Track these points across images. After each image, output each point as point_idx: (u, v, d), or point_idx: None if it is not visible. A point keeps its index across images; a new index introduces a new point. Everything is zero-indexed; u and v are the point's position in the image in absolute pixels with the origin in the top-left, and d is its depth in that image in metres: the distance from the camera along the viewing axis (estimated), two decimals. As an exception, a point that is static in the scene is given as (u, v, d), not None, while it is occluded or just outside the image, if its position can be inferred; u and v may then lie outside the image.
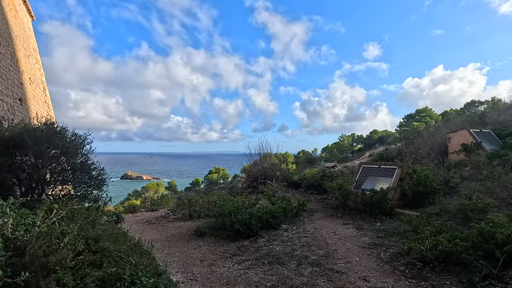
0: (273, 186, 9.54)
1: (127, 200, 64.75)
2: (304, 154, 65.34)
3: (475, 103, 36.68)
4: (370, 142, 62.25)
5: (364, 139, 63.35)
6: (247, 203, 6.64)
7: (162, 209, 12.71)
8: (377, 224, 5.86)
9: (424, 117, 60.61)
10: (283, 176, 10.69)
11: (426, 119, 59.66)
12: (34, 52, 16.95)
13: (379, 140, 60.78)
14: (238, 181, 14.82)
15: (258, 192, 9.76)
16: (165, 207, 13.65)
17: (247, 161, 13.18)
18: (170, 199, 13.86)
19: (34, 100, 14.62)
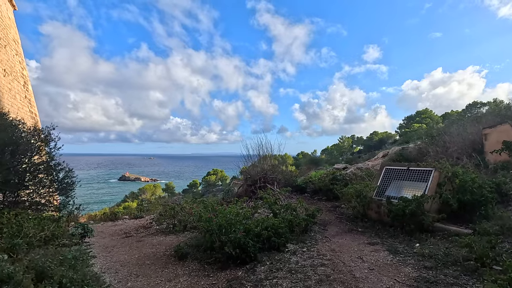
0: (274, 191, 8.01)
1: (124, 201, 63.09)
2: (303, 155, 63.83)
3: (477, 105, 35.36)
4: (370, 144, 60.91)
5: (365, 140, 61.89)
6: (242, 214, 5.10)
7: (149, 216, 11.15)
8: (415, 246, 4.34)
9: (425, 119, 59.34)
10: (286, 179, 9.16)
11: (427, 120, 58.40)
12: (14, 43, 15.39)
13: (380, 142, 59.41)
14: (234, 184, 13.23)
15: (257, 198, 8.22)
16: (153, 213, 12.08)
17: (245, 162, 11.63)
18: (158, 205, 12.29)
19: (10, 94, 13.03)
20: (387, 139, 60.77)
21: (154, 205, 12.93)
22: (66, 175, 7.25)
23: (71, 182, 7.21)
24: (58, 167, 7.14)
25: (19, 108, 13.95)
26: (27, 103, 15.75)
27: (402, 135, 61.67)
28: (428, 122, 57.03)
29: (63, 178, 6.98)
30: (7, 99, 12.57)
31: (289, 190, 7.42)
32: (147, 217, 10.61)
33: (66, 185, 7.11)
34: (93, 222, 9.81)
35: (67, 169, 7.31)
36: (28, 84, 16.82)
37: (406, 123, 61.78)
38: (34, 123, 16.60)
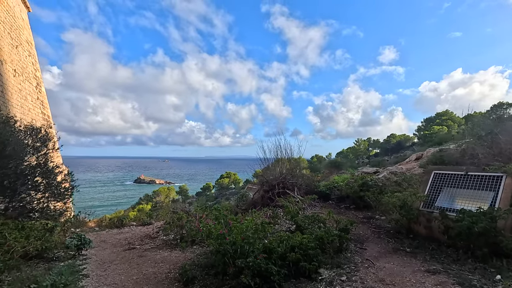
0: (295, 199, 6.97)
1: (138, 204, 63.28)
2: (318, 159, 62.26)
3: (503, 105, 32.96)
4: (387, 147, 58.65)
5: (381, 143, 59.68)
6: (262, 230, 4.10)
7: (157, 222, 10.32)
8: (496, 278, 3.22)
9: (446, 121, 56.60)
10: (306, 184, 8.10)
11: (448, 122, 55.65)
12: (27, 44, 15.10)
13: (398, 145, 57.08)
14: (249, 188, 12.22)
15: (275, 206, 7.20)
16: (162, 219, 11.26)
17: (259, 165, 10.58)
18: (167, 211, 11.46)
19: (20, 95, 12.61)
20: (405, 142, 58.38)
21: (164, 210, 12.11)
22: (65, 178, 6.50)
23: (70, 186, 6.45)
24: (55, 169, 6.39)
25: (30, 109, 13.55)
26: (40, 105, 15.40)
27: (421, 137, 59.10)
28: (449, 124, 54.36)
29: (60, 182, 6.21)
30: (17, 100, 12.13)
31: (314, 198, 6.36)
32: (155, 224, 9.78)
33: (64, 190, 6.35)
34: (99, 228, 9.06)
35: (66, 172, 6.56)
36: (41, 86, 16.52)
37: (425, 125, 59.17)
38: (46, 125, 16.25)
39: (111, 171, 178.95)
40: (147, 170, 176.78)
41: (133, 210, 57.69)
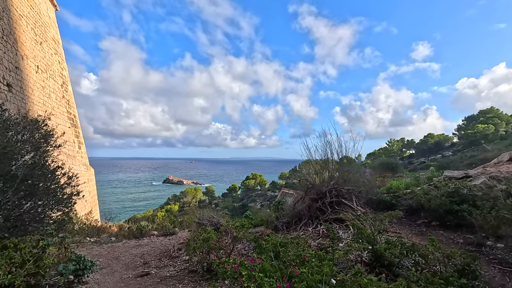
0: (357, 212, 5.20)
1: (166, 204, 63.67)
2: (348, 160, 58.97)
3: None
4: (424, 147, 54.06)
5: (418, 144, 55.24)
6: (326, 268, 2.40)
7: (182, 232, 8.95)
8: None
9: (491, 119, 50.91)
10: (366, 191, 6.26)
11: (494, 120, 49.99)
12: (54, 42, 14.57)
13: (436, 145, 52.38)
14: (284, 193, 10.50)
15: (327, 220, 5.46)
16: (187, 228, 9.88)
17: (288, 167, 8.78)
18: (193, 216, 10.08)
19: (43, 92, 11.91)
20: (444, 142, 53.51)
21: (189, 216, 10.75)
22: (67, 182, 5.24)
23: (72, 193, 5.18)
24: (55, 168, 5.13)
25: (53, 108, 12.89)
26: (65, 104, 14.81)
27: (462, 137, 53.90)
28: (495, 122, 48.92)
29: (56, 188, 4.93)
30: (39, 97, 11.40)
31: (398, 215, 4.50)
32: (179, 234, 8.40)
33: (67, 197, 5.09)
34: (115, 238, 7.83)
35: (70, 173, 5.30)
36: (68, 85, 16.01)
37: (466, 124, 53.93)
38: (72, 124, 15.73)
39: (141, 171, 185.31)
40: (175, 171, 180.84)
41: (162, 210, 58.15)
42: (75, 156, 14.91)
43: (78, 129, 16.46)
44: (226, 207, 55.75)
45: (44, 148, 5.18)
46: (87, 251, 6.43)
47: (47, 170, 4.90)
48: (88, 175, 16.03)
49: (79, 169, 14.47)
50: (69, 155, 13.59)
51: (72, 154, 14.41)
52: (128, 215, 55.02)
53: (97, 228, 9.50)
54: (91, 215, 12.46)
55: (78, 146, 15.90)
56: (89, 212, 12.77)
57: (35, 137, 5.18)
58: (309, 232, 5.23)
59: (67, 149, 13.83)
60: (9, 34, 9.72)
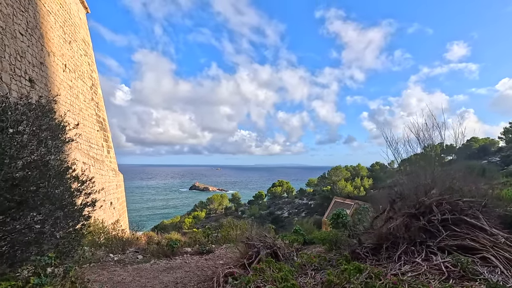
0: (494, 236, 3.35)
1: (193, 211, 63.07)
2: (380, 166, 55.15)
3: None
4: (467, 152, 49.16)
5: (461, 148, 50.40)
6: None
7: (219, 249, 7.40)
8: None
9: (546, 120, 45.15)
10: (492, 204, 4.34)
11: (549, 122, 44.26)
12: (83, 43, 13.99)
13: (481, 150, 47.39)
14: (338, 204, 8.89)
15: (440, 248, 3.61)
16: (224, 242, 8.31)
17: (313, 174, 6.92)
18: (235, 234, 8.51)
19: (70, 92, 11.10)
20: (489, 147, 48.32)
21: (224, 228, 9.20)
22: (78, 188, 3.87)
23: (87, 203, 3.80)
24: (60, 168, 3.78)
25: (81, 109, 12.09)
26: (94, 106, 14.09)
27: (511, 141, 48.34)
28: (552, 124, 43.34)
29: (68, 197, 3.56)
30: (65, 96, 10.57)
31: None
32: (217, 253, 6.85)
33: (79, 209, 3.71)
34: (142, 257, 6.43)
35: (83, 179, 3.93)
36: (98, 88, 15.37)
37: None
38: (100, 128, 15.01)
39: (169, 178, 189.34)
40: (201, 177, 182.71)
41: (189, 216, 57.62)
42: (104, 160, 14.07)
43: (107, 133, 15.73)
44: (253, 214, 54.00)
45: (49, 141, 3.85)
46: (108, 276, 5.04)
47: (51, 170, 3.54)
48: (116, 181, 15.15)
49: (108, 174, 13.57)
50: (97, 160, 12.71)
51: (100, 159, 13.55)
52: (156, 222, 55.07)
53: (123, 242, 8.22)
54: (118, 224, 11.35)
55: (107, 150, 15.11)
56: (116, 221, 11.70)
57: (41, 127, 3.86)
58: (420, 265, 3.42)
59: (95, 153, 12.97)
60: (34, 28, 8.92)
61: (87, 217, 3.95)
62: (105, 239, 9.21)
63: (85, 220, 4.00)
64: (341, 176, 49.33)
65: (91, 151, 12.41)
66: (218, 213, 63.02)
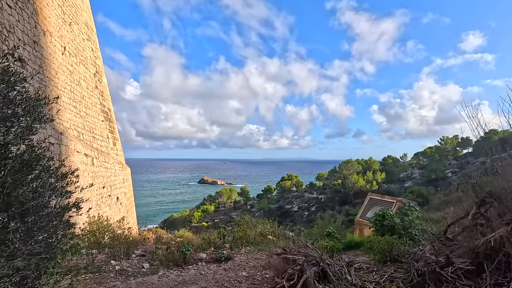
0: None
1: (202, 204, 62.53)
2: (393, 160, 53.29)
3: None
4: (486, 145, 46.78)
5: (478, 141, 48.09)
6: None
7: (239, 255, 6.26)
8: None
9: None
10: None
11: None
12: (85, 27, 12.87)
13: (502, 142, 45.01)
14: (374, 201, 7.44)
15: None
16: (244, 248, 7.16)
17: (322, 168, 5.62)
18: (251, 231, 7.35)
19: (70, 77, 10.02)
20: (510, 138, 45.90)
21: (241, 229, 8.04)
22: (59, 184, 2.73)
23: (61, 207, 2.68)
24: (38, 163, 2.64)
25: (84, 97, 11.04)
26: (98, 95, 13.04)
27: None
28: None
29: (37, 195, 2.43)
30: (65, 82, 9.50)
31: None
32: (237, 260, 5.71)
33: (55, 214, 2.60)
34: (149, 266, 5.34)
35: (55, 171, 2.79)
36: (102, 76, 14.31)
37: (537, 118, 45.88)
38: (106, 118, 14.00)
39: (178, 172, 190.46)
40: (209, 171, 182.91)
41: (198, 210, 57.06)
42: (109, 153, 13.07)
43: (113, 124, 14.71)
44: (262, 208, 53.05)
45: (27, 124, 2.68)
46: (105, 295, 3.94)
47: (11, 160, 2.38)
48: (123, 175, 14.17)
49: (113, 167, 12.57)
50: (101, 152, 11.70)
51: (105, 151, 12.55)
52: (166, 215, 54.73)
53: (128, 243, 7.17)
54: (124, 221, 10.35)
55: (113, 142, 14.11)
56: (121, 218, 10.71)
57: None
58: None
59: (99, 144, 11.96)
60: (26, 1, 7.80)
61: (68, 225, 2.81)
62: (110, 239, 8.20)
63: (66, 229, 2.86)
64: (353, 170, 47.77)
65: (94, 142, 11.39)
66: (227, 207, 62.37)
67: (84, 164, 9.23)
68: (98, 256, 6.55)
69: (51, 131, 7.23)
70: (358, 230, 7.30)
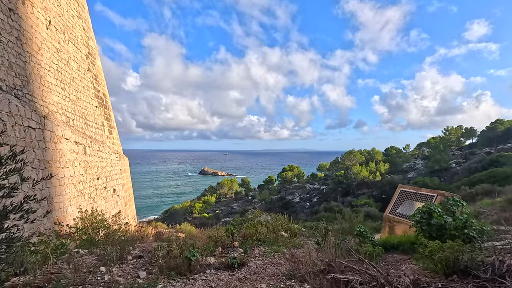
0: None
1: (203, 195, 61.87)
2: (396, 150, 52.31)
3: None
4: (491, 136, 45.79)
5: (483, 132, 46.97)
6: None
7: (254, 257, 5.28)
8: None
9: None
10: None
11: None
12: (75, 3, 11.58)
13: (507, 133, 43.99)
14: (406, 194, 6.36)
15: None
16: (258, 248, 6.17)
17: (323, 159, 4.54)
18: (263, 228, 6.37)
19: (57, 56, 8.87)
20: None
21: (253, 225, 7.04)
22: None
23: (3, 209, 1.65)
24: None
25: (74, 78, 9.89)
26: (91, 78, 11.87)
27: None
28: None
29: None
30: (50, 60, 8.34)
31: None
32: (251, 266, 4.71)
33: None
34: (145, 274, 4.34)
35: None
36: (96, 58, 13.09)
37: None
38: (100, 104, 12.87)
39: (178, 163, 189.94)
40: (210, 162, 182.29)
41: (199, 201, 56.37)
42: (105, 141, 12.00)
43: (109, 111, 13.59)
44: (263, 199, 52.35)
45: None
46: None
47: None
48: (120, 165, 13.14)
49: (109, 157, 11.52)
50: (95, 140, 10.63)
51: (100, 139, 11.48)
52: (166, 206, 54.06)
53: (123, 242, 6.19)
54: (121, 216, 9.37)
55: (109, 130, 13.02)
56: (117, 213, 9.72)
57: None
58: None
59: (93, 132, 10.87)
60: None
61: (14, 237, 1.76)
62: (105, 236, 7.23)
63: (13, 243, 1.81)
64: (355, 160, 46.83)
65: (87, 129, 10.30)
66: (228, 197, 61.73)
67: (75, 152, 8.17)
68: (87, 258, 5.57)
69: (30, 113, 6.13)
70: (388, 228, 6.28)
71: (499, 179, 14.54)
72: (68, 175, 7.55)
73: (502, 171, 15.52)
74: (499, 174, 15.22)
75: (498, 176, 15.13)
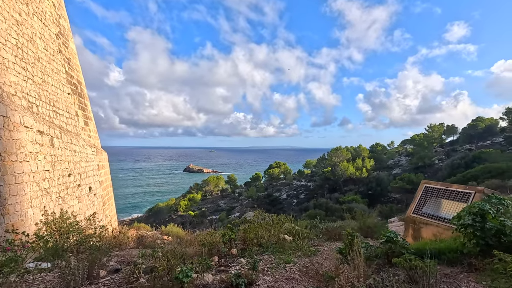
0: None
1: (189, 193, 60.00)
2: (382, 147, 52.77)
3: None
4: (472, 133, 46.91)
5: (465, 129, 48.10)
6: None
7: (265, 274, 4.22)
8: None
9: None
10: None
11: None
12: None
13: (487, 130, 45.15)
14: (430, 191, 5.36)
15: None
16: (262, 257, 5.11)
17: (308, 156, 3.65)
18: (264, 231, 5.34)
19: (16, 29, 7.37)
20: (495, 127, 46.21)
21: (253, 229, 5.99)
22: None
23: None
24: None
25: (39, 58, 8.39)
26: (63, 61, 10.32)
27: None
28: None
29: None
30: (6, 32, 6.86)
31: None
32: (262, 283, 3.65)
33: None
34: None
35: None
36: (69, 41, 11.49)
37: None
38: (73, 92, 11.32)
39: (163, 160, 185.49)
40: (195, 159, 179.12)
41: (184, 198, 54.55)
42: (79, 133, 10.51)
43: (85, 100, 12.04)
44: (250, 196, 51.40)
45: None
46: None
47: None
48: (98, 160, 11.67)
49: (84, 151, 10.07)
50: (67, 131, 9.17)
51: (73, 131, 9.99)
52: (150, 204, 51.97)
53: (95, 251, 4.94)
54: (96, 218, 8.02)
55: (84, 121, 11.50)
56: (92, 214, 8.36)
57: None
58: None
59: (64, 121, 9.40)
60: None
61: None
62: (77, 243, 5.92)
63: None
64: (342, 157, 46.73)
65: (57, 118, 8.83)
66: (214, 195, 60.27)
67: (38, 144, 6.76)
68: (48, 276, 4.34)
69: (-28, 91, 4.74)
70: (412, 230, 5.40)
71: (495, 174, 14.48)
72: (29, 170, 6.17)
73: (497, 167, 15.46)
74: (494, 170, 15.15)
75: (494, 171, 15.06)
